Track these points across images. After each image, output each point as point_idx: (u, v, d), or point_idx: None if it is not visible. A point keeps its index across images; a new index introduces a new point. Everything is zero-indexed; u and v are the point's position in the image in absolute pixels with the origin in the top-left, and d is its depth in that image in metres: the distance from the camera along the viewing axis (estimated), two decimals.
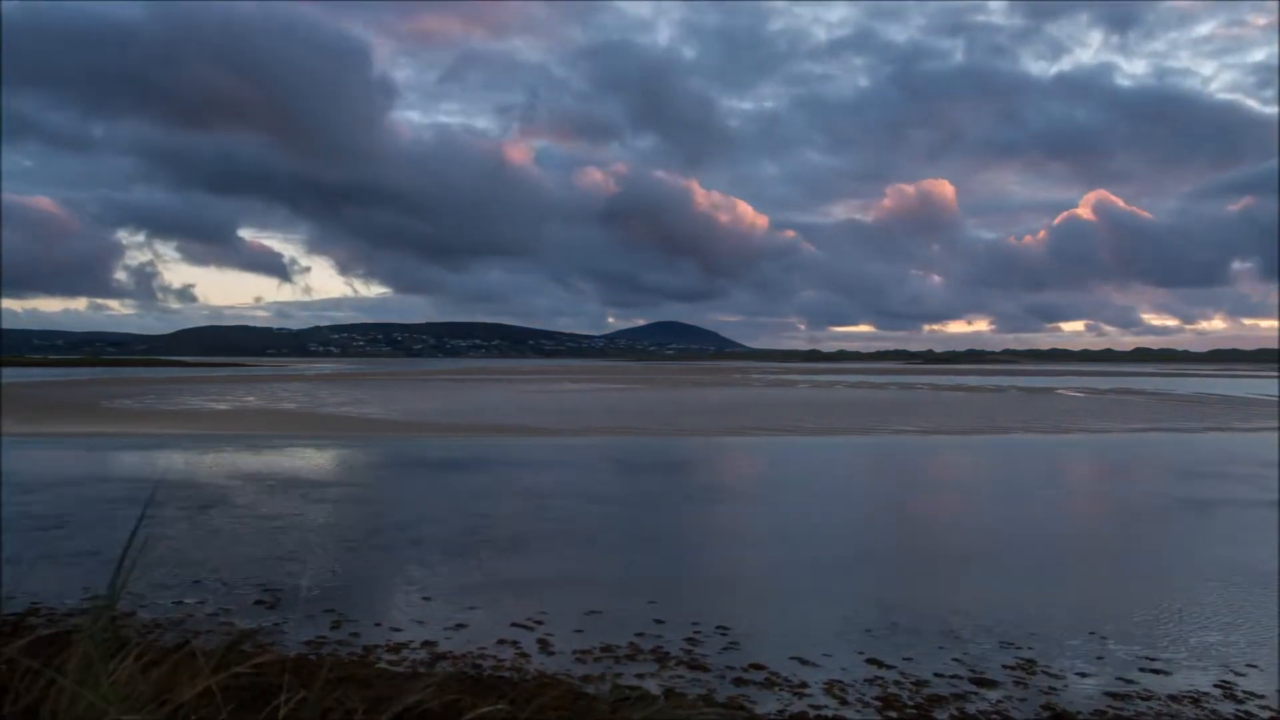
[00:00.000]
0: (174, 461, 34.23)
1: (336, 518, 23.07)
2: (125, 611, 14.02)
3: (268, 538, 20.53)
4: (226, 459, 35.26)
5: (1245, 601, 16.15)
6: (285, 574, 17.24)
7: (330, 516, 23.20)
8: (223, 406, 67.27)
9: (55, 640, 6.22)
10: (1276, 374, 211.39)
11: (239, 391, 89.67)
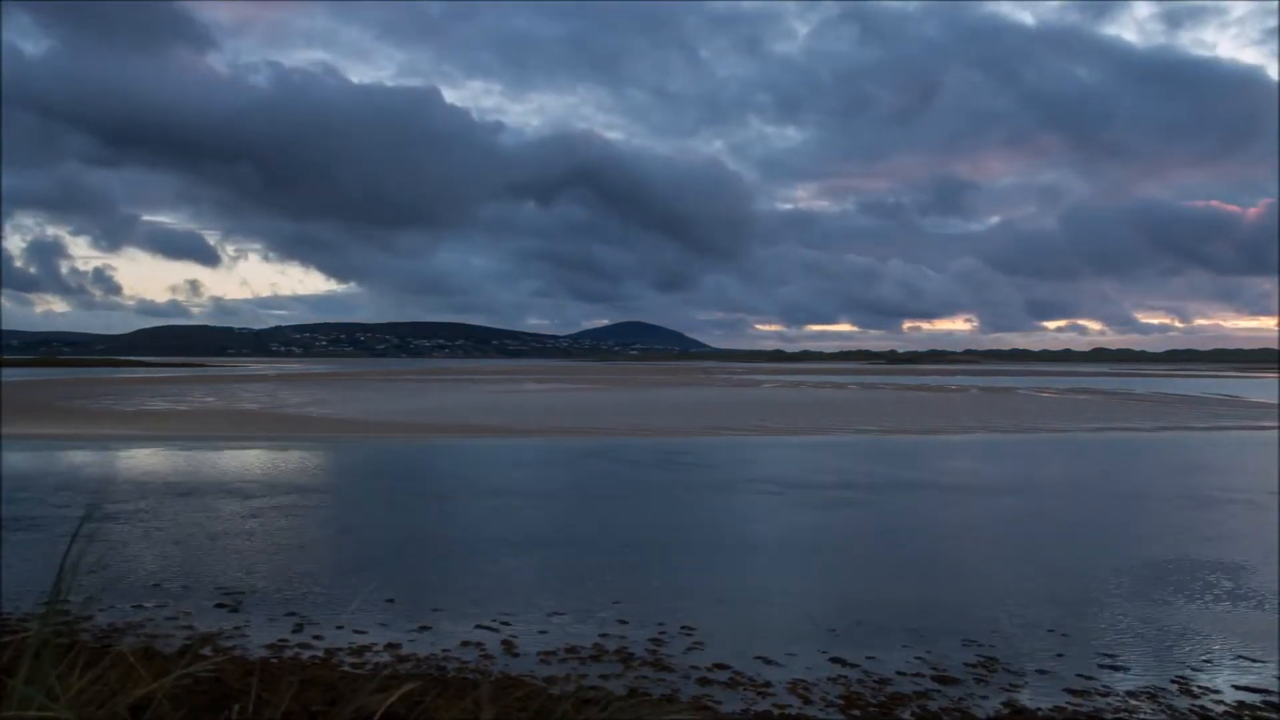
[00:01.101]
0: (131, 463, 33.79)
1: (298, 520, 22.86)
2: (82, 615, 13.82)
3: (228, 540, 20.31)
4: (186, 460, 34.84)
5: (1199, 597, 16.41)
6: (246, 577, 17.06)
7: (292, 519, 22.98)
8: (183, 407, 66.48)
9: (6, 646, 6.11)
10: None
11: (199, 392, 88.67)
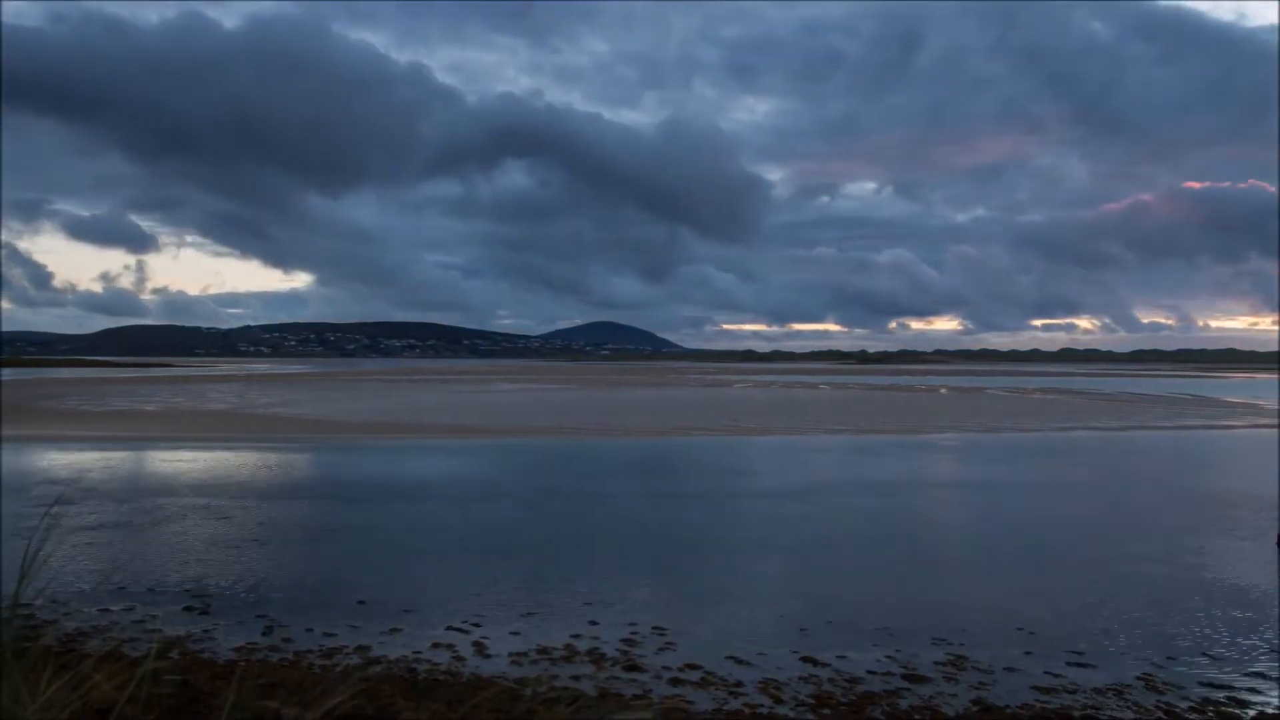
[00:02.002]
0: (98, 464, 33.40)
1: (267, 522, 22.70)
2: (47, 619, 13.65)
3: (196, 543, 20.13)
4: (153, 462, 34.51)
5: (1164, 594, 16.60)
6: (214, 580, 16.92)
7: (261, 520, 22.81)
8: (151, 408, 65.80)
9: None
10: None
11: (167, 393, 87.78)
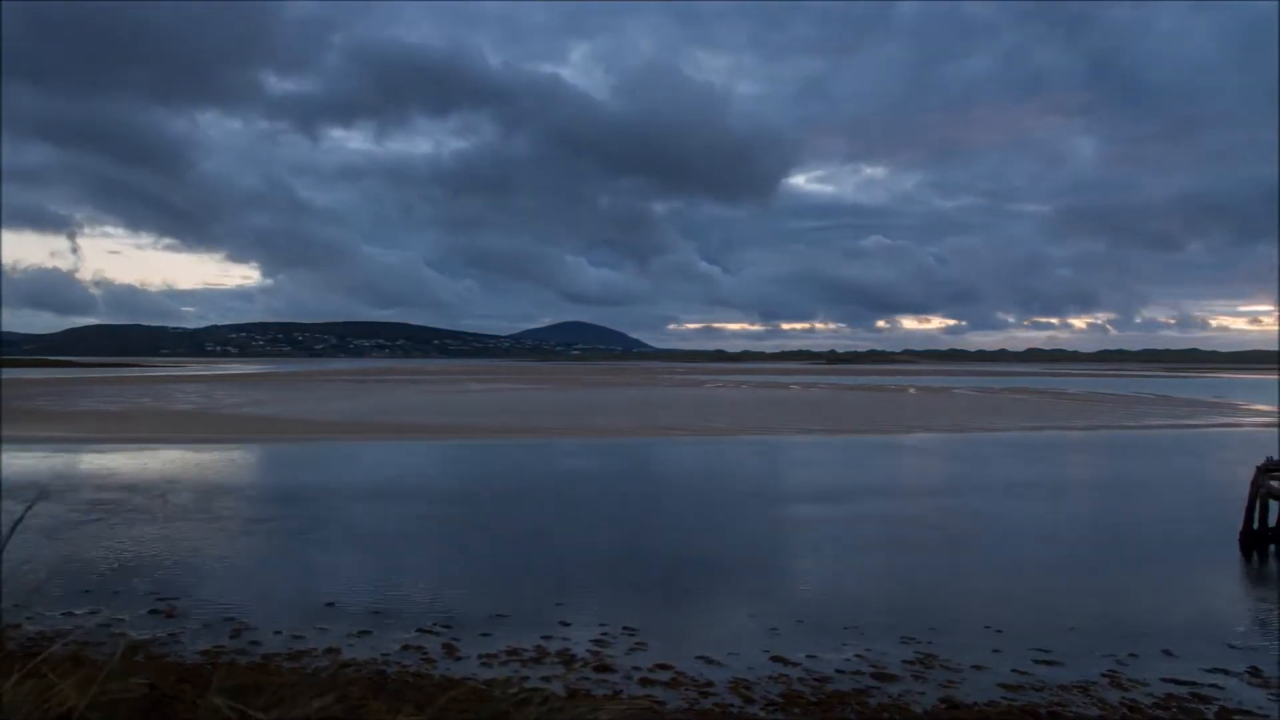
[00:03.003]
0: (63, 465, 32.99)
1: (234, 523, 22.51)
2: (10, 623, 13.47)
3: (163, 545, 19.93)
4: (118, 461, 34.11)
5: (1127, 591, 16.81)
6: (181, 582, 16.75)
7: (228, 522, 22.62)
8: (117, 409, 65.03)
9: None
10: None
11: (134, 393, 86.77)
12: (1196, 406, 77.47)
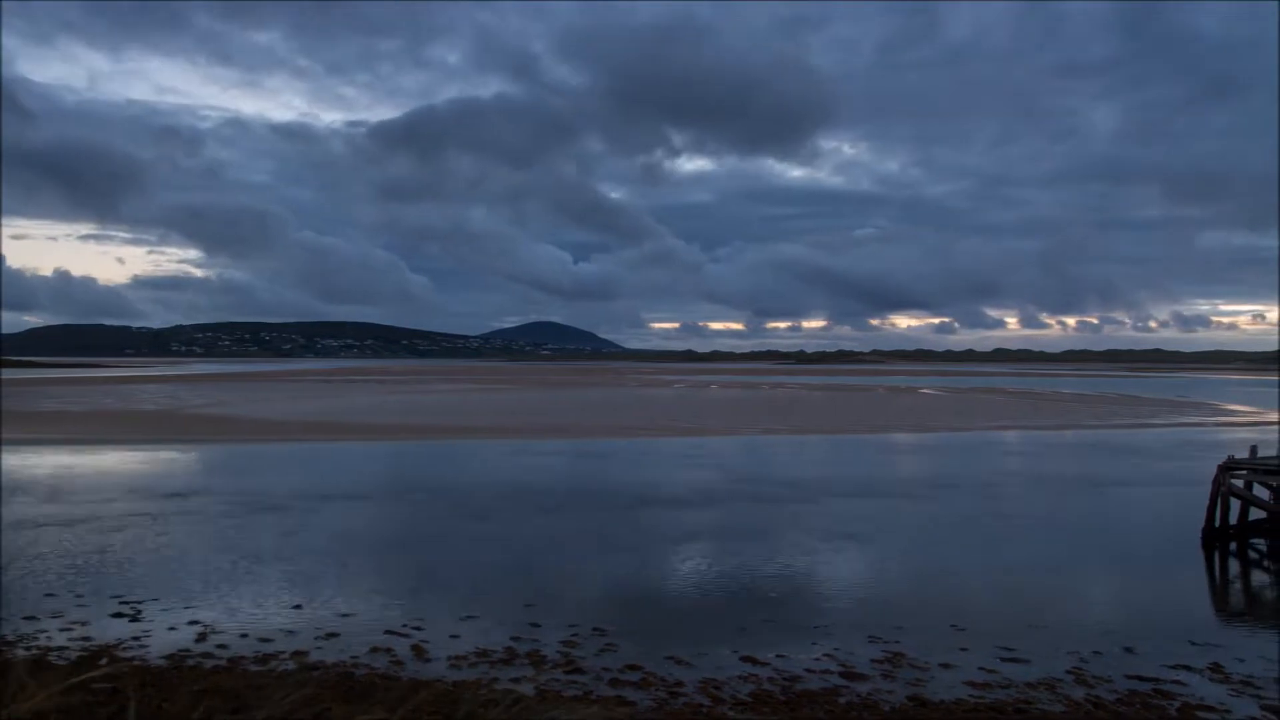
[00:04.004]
0: (23, 467, 32.53)
1: (201, 525, 22.30)
2: None
3: (127, 547, 19.70)
4: (80, 463, 33.67)
5: (1090, 590, 17.02)
6: (146, 585, 16.57)
7: (192, 523, 22.40)
8: (80, 409, 64.21)
9: None
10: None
11: (98, 394, 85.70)
12: (1157, 406, 78.36)
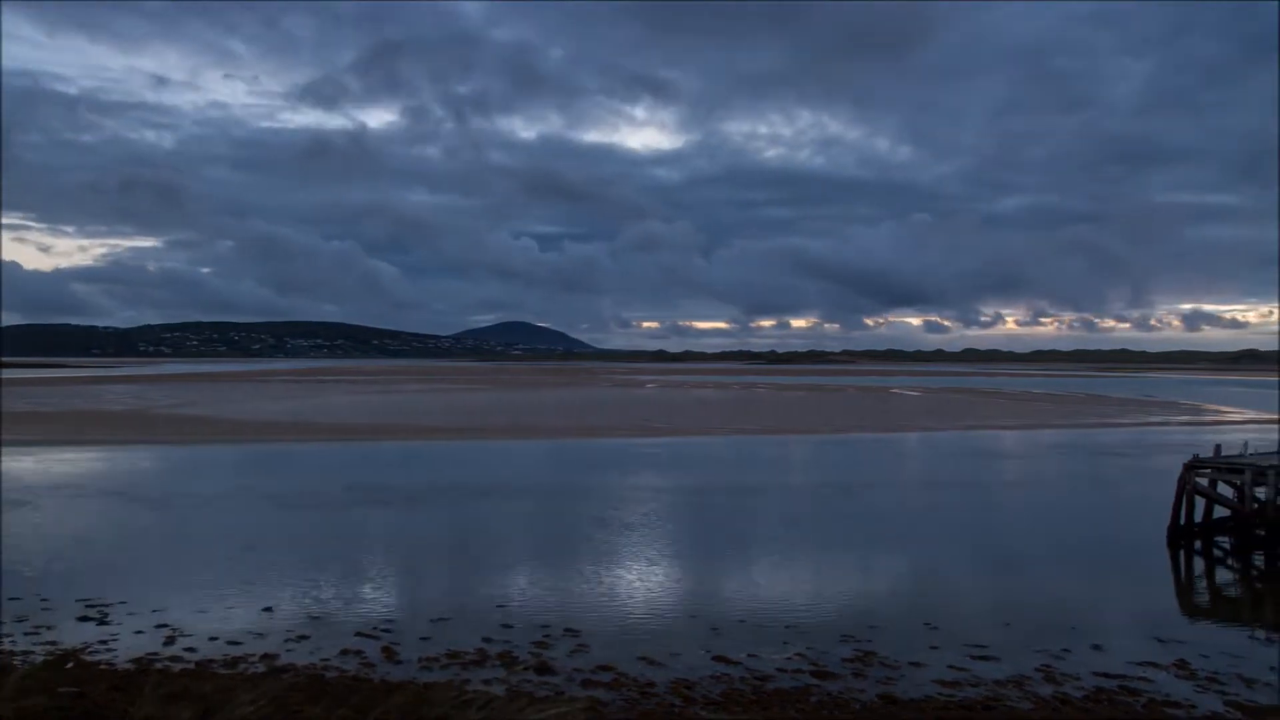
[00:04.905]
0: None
1: (166, 526, 22.09)
2: None
3: (93, 549, 19.50)
4: (46, 463, 33.26)
5: (1059, 587, 17.16)
6: (113, 587, 16.38)
7: (160, 525, 22.19)
8: (48, 410, 63.40)
9: None
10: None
11: (63, 395, 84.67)
12: (1124, 405, 79.16)
